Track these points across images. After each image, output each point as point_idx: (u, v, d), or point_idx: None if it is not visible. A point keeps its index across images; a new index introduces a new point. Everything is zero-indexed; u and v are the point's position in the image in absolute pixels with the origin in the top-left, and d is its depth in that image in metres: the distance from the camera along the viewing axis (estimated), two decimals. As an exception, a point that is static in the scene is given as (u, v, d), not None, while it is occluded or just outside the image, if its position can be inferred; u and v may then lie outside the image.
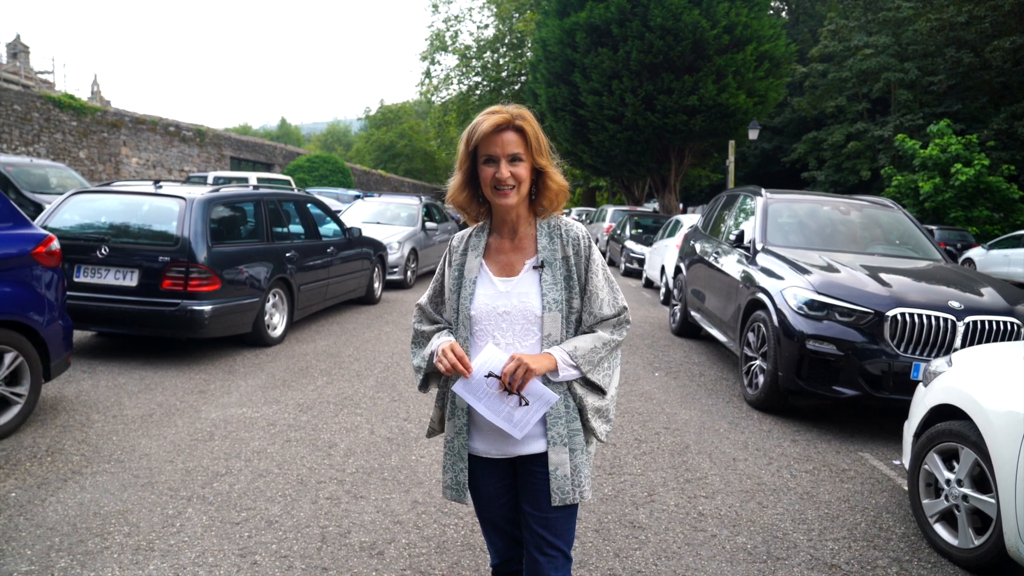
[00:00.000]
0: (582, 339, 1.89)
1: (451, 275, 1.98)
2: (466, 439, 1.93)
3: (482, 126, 1.79)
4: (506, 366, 1.76)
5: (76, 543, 2.97)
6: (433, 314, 2.05)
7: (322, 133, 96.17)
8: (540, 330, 1.87)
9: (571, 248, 1.91)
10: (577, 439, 1.90)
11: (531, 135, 1.81)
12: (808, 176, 35.13)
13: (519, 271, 1.90)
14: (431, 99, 47.95)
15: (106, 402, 4.81)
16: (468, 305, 1.90)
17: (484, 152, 1.81)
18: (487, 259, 1.94)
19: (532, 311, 1.86)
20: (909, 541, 3.43)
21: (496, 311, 1.88)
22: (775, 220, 6.63)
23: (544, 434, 1.88)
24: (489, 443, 1.93)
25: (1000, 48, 26.76)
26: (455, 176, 1.90)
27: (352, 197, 18.67)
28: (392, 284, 11.26)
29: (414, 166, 62.26)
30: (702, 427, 4.99)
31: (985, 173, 22.55)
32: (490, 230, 1.96)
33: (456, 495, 1.97)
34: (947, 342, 4.74)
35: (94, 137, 19.67)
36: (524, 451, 1.90)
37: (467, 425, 1.93)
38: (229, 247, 6.20)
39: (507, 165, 1.79)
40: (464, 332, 1.91)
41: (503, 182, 1.80)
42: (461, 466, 1.95)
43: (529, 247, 1.92)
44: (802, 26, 40.21)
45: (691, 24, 20.27)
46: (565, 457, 1.88)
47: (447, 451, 1.98)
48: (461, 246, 1.98)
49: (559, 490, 1.87)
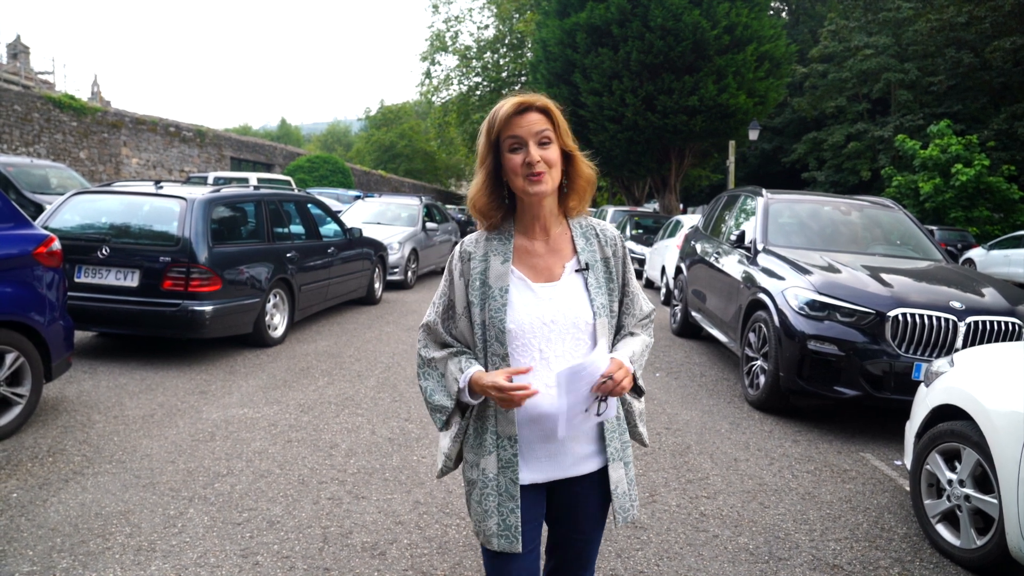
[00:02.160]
0: (632, 343, 1.78)
1: (469, 287, 1.72)
2: (516, 472, 1.68)
3: (503, 109, 1.63)
4: (616, 370, 1.57)
5: (78, 544, 2.97)
6: (444, 335, 1.76)
7: (322, 133, 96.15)
8: (592, 338, 1.69)
9: (610, 249, 1.77)
10: (628, 451, 1.80)
11: (557, 116, 1.66)
12: (808, 176, 35.13)
13: (559, 275, 1.71)
14: (431, 99, 47.94)
15: (107, 402, 4.81)
16: (502, 318, 1.66)
17: (508, 136, 1.63)
18: (517, 264, 1.71)
19: (583, 318, 1.68)
20: (911, 541, 3.43)
21: (541, 321, 1.66)
22: (776, 220, 6.62)
23: (599, 451, 1.74)
24: (540, 468, 1.71)
25: (1000, 48, 26.75)
26: (477, 176, 1.71)
27: (352, 197, 18.66)
28: (392, 284, 11.25)
29: (414, 166, 62.24)
30: (703, 427, 4.99)
31: (985, 173, 22.55)
32: (515, 232, 1.75)
33: (510, 543, 1.66)
34: (948, 342, 4.73)
35: (94, 138, 19.66)
36: (580, 471, 1.73)
37: (516, 456, 1.68)
38: (230, 247, 6.20)
39: (536, 147, 1.61)
40: (499, 349, 1.67)
41: (535, 165, 1.60)
42: (512, 506, 1.67)
43: (566, 248, 1.74)
44: (802, 26, 40.20)
45: (691, 24, 20.27)
46: (622, 473, 1.76)
47: (487, 492, 1.68)
48: (478, 252, 1.73)
49: (622, 509, 1.75)
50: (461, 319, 1.74)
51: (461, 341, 1.76)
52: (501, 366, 1.67)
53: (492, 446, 1.69)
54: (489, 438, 1.70)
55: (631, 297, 1.81)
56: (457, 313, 1.75)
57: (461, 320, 1.74)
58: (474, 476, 1.73)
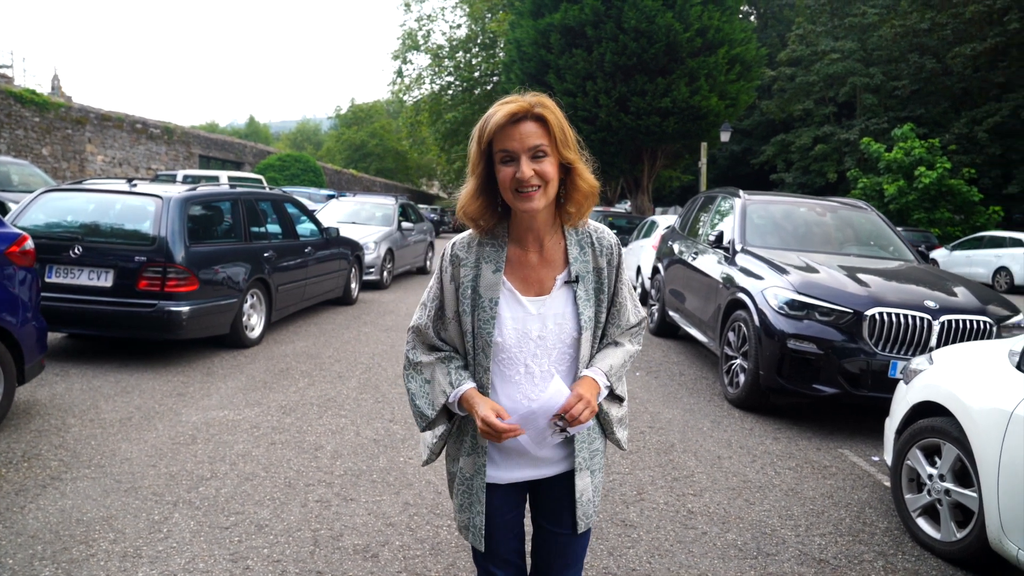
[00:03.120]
0: (612, 355, 1.74)
1: (459, 293, 1.67)
2: (485, 476, 1.72)
3: (495, 117, 1.53)
4: (573, 408, 1.58)
5: (60, 551, 2.89)
6: (433, 339, 1.74)
7: (291, 132, 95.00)
8: (577, 352, 1.68)
9: (604, 259, 1.71)
10: (596, 459, 1.80)
11: (554, 125, 1.55)
12: (777, 178, 35.74)
13: (550, 288, 1.67)
14: (403, 98, 47.67)
15: (82, 406, 4.69)
16: (490, 331, 1.63)
17: (500, 148, 1.55)
18: (508, 275, 1.67)
19: (570, 333, 1.67)
20: (893, 535, 3.50)
21: (528, 336, 1.64)
22: (753, 221, 6.72)
23: (567, 456, 1.75)
24: (511, 468, 1.74)
25: (961, 55, 27.53)
26: (467, 183, 1.63)
27: (325, 197, 18.47)
28: (368, 285, 11.17)
29: (385, 165, 61.85)
30: (685, 426, 5.04)
31: (947, 176, 23.20)
32: (508, 240, 1.69)
33: (476, 538, 1.76)
34: (923, 341, 4.85)
35: (58, 134, 19.16)
36: (550, 473, 1.76)
37: (485, 465, 1.72)
38: (207, 247, 6.09)
39: (529, 162, 1.53)
40: (484, 361, 1.66)
41: (525, 182, 1.53)
42: (479, 508, 1.73)
43: (558, 260, 1.68)
44: (770, 30, 40.87)
45: (664, 27, 20.47)
46: (588, 481, 1.77)
47: (463, 489, 1.76)
48: (470, 257, 1.67)
49: (584, 516, 1.77)
50: (451, 324, 1.72)
51: (451, 344, 1.75)
52: (484, 378, 1.68)
53: (469, 449, 1.75)
54: (468, 440, 1.75)
55: (619, 307, 1.76)
56: (447, 317, 1.72)
57: (451, 324, 1.72)
58: (454, 470, 1.81)
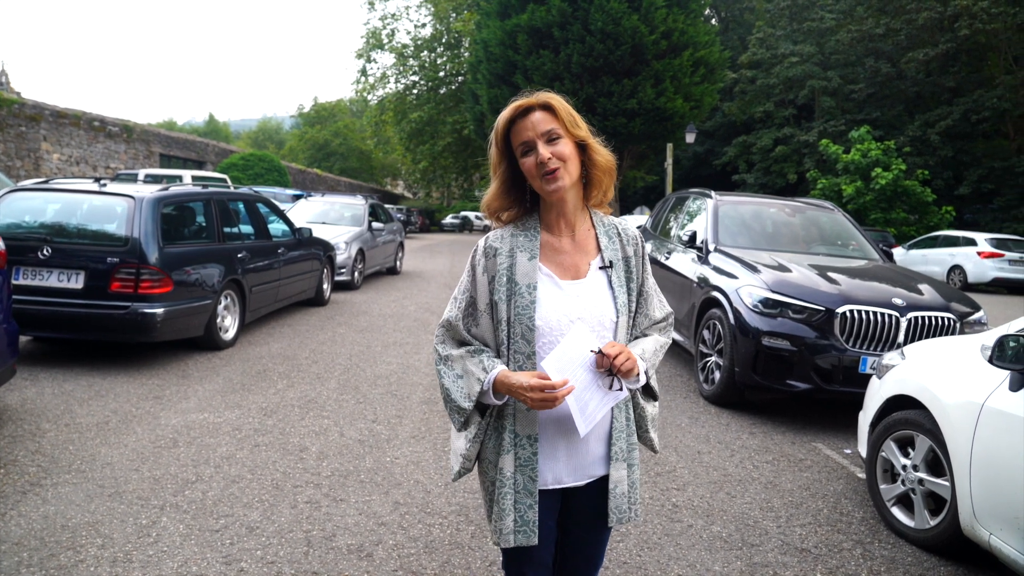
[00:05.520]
0: (644, 342, 1.79)
1: (495, 282, 1.70)
2: (536, 471, 1.70)
3: (503, 115, 1.67)
4: (611, 346, 1.60)
5: (47, 557, 2.83)
6: (464, 333, 1.75)
7: (252, 130, 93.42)
8: (614, 336, 1.71)
9: (631, 248, 1.79)
10: (634, 454, 1.81)
11: (561, 110, 1.65)
12: (739, 179, 36.39)
13: (585, 272, 1.72)
14: (367, 97, 47.31)
15: (55, 410, 4.59)
16: (531, 315, 1.66)
17: (518, 142, 1.66)
18: (544, 261, 1.71)
19: (608, 316, 1.70)
20: (869, 524, 3.64)
21: (568, 318, 1.67)
22: (725, 222, 6.86)
23: (603, 457, 1.76)
24: (555, 471, 1.73)
25: (914, 59, 28.41)
26: (492, 185, 1.74)
27: (291, 197, 18.22)
28: (339, 285, 11.08)
29: (350, 165, 61.31)
30: (664, 422, 5.14)
31: (902, 177, 23.92)
32: (541, 228, 1.75)
33: (527, 537, 1.69)
34: (891, 337, 5.03)
35: (11, 131, 18.55)
36: (595, 474, 1.76)
37: (536, 455, 1.70)
38: (180, 247, 5.99)
39: (545, 146, 1.62)
40: (524, 348, 1.67)
41: (546, 164, 1.61)
42: (530, 502, 1.69)
43: (591, 247, 1.75)
44: (731, 33, 41.61)
45: (630, 29, 20.73)
46: (624, 474, 1.77)
47: (504, 491, 1.70)
48: (504, 248, 1.72)
49: (617, 509, 1.76)
50: (483, 316, 1.72)
51: (480, 340, 1.74)
52: (526, 365, 1.66)
53: (510, 445, 1.69)
54: (507, 436, 1.70)
55: (646, 296, 1.82)
56: (479, 310, 1.72)
57: (483, 318, 1.72)
58: (493, 475, 1.73)
